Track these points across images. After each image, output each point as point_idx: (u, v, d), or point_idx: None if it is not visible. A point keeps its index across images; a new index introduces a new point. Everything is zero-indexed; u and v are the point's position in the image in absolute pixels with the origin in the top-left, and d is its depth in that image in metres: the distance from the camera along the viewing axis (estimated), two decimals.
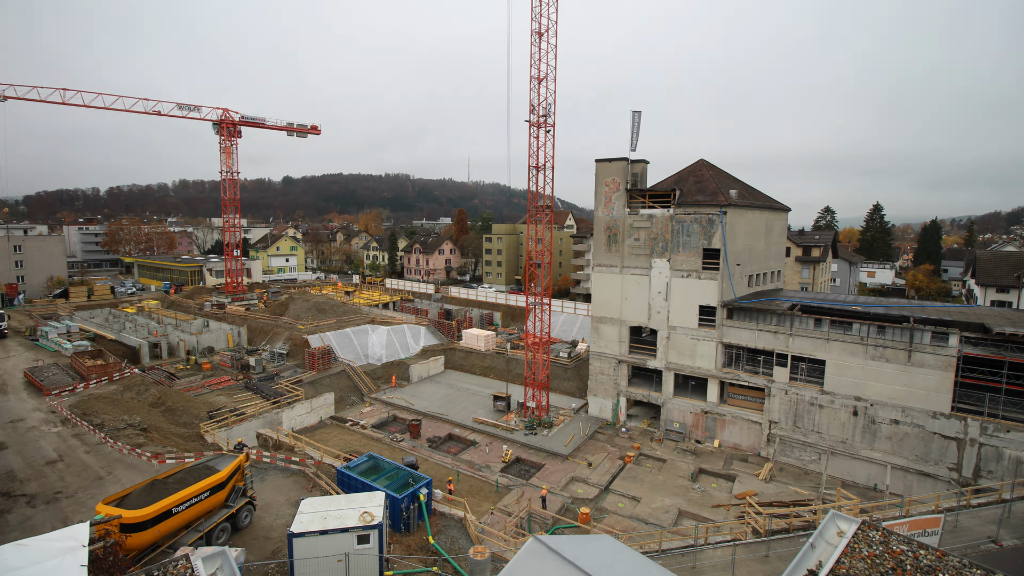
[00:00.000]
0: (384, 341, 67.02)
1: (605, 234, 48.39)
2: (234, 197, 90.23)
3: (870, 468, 36.80)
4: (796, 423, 39.85)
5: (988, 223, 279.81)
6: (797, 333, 39.70)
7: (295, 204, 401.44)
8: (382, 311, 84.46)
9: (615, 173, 47.22)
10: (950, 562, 12.15)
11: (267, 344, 66.43)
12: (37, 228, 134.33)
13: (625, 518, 32.61)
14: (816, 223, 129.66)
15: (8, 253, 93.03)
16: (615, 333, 48.46)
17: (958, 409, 33.93)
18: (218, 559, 14.18)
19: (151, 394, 45.34)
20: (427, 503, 26.54)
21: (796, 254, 78.87)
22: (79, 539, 14.26)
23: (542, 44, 44.16)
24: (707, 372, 43.87)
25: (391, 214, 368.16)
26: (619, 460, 40.79)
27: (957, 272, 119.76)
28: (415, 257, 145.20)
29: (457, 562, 22.64)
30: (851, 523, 14.07)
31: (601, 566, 13.05)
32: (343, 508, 20.98)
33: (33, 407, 40.82)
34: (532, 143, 45.48)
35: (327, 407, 49.13)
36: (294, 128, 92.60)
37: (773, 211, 50.32)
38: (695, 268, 43.66)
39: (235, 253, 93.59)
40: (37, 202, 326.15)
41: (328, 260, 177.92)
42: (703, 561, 21.47)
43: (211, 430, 40.28)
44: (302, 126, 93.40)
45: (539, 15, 43.80)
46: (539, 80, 44.58)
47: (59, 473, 30.41)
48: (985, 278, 67.99)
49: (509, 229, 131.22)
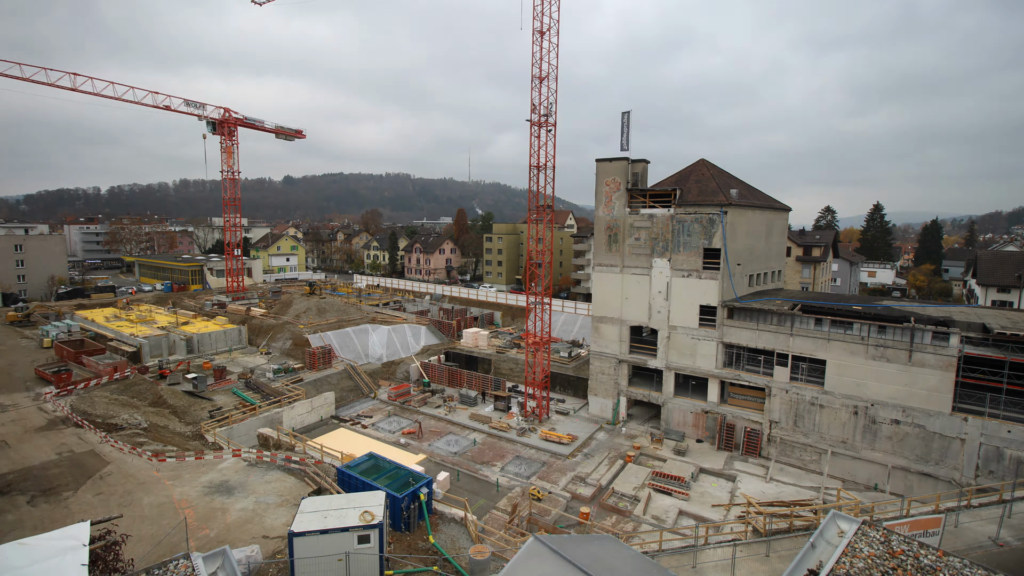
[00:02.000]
0: (384, 340, 67.06)
1: (606, 234, 48.37)
2: (235, 197, 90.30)
3: (871, 468, 36.77)
4: (797, 423, 39.82)
5: (989, 223, 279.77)
6: (798, 333, 39.66)
7: (295, 204, 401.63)
8: (382, 310, 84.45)
9: (616, 173, 47.20)
10: (951, 562, 12.14)
11: (267, 344, 66.43)
12: (38, 228, 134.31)
13: (627, 518, 32.61)
14: (817, 223, 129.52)
15: (9, 253, 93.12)
16: (615, 333, 48.44)
17: (959, 409, 33.89)
18: (218, 559, 14.17)
19: (152, 393, 45.39)
20: (427, 502, 26.53)
21: (797, 254, 78.80)
22: (80, 538, 14.24)
23: (543, 43, 44.14)
24: (707, 372, 43.84)
25: (392, 213, 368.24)
26: (619, 460, 40.79)
27: (958, 272, 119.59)
28: (415, 256, 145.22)
29: (457, 561, 22.63)
30: (852, 523, 14.06)
31: (601, 566, 13.03)
32: (343, 507, 20.95)
33: (34, 405, 40.86)
34: (533, 143, 45.48)
35: (327, 406, 49.14)
36: (283, 131, 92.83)
37: (774, 211, 50.29)
38: (696, 268, 43.63)
39: (236, 252, 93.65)
40: (38, 201, 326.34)
41: (328, 260, 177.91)
42: (703, 561, 21.45)
43: (212, 429, 40.31)
44: (288, 129, 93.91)
45: (540, 14, 43.77)
46: (540, 79, 44.56)
47: (60, 472, 30.42)
48: (986, 278, 67.92)
49: (509, 229, 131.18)
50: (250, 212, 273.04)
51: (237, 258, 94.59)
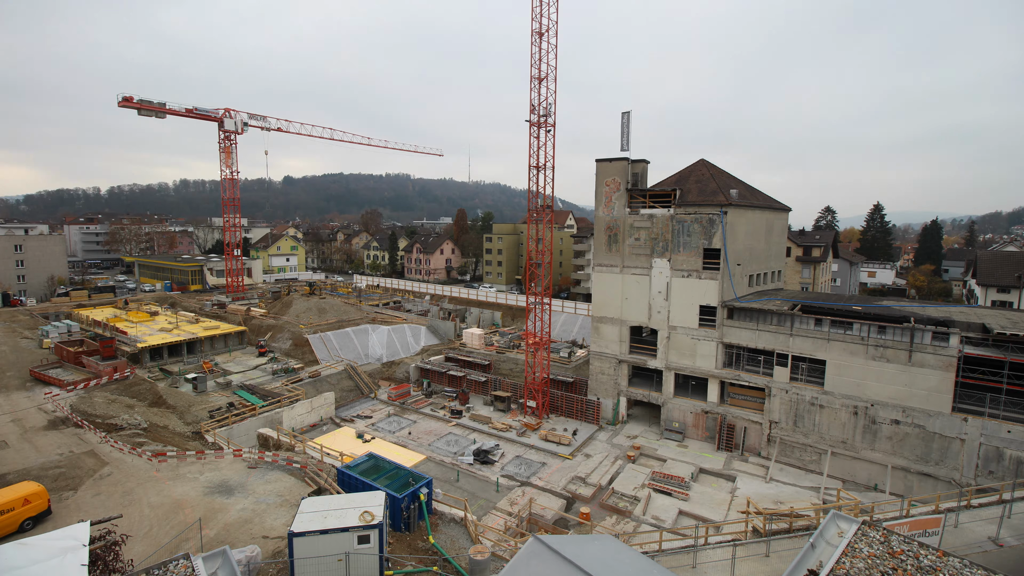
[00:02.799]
0: (384, 340, 67.06)
1: (605, 234, 48.37)
2: (234, 197, 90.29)
3: (871, 468, 36.77)
4: (796, 423, 39.82)
5: (989, 223, 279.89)
6: (797, 333, 39.67)
7: (295, 204, 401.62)
8: (382, 311, 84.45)
9: (616, 173, 47.20)
10: (951, 562, 12.15)
11: (267, 344, 66.37)
12: (38, 228, 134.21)
13: (628, 518, 32.61)
14: (816, 223, 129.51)
15: (9, 253, 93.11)
16: (615, 333, 48.44)
17: (959, 409, 33.90)
18: (218, 559, 14.19)
19: (152, 393, 45.38)
20: (427, 503, 26.52)
21: (796, 254, 78.82)
22: (80, 538, 14.24)
23: (542, 44, 44.16)
24: (707, 372, 43.85)
25: (391, 214, 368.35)
26: (619, 460, 40.78)
27: (958, 272, 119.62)
28: (415, 257, 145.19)
29: (457, 562, 22.63)
30: (851, 523, 14.08)
31: (601, 566, 13.03)
32: (343, 507, 20.94)
33: (33, 405, 40.85)
34: (532, 143, 45.49)
35: (327, 406, 49.14)
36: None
37: (773, 211, 50.30)
38: (695, 268, 43.64)
39: (235, 253, 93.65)
40: (38, 201, 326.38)
41: (328, 260, 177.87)
42: (703, 561, 21.44)
43: (212, 429, 40.31)
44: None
45: (539, 15, 43.79)
46: (539, 80, 44.58)
47: (60, 472, 30.40)
48: (986, 278, 67.95)
49: (509, 229, 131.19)
50: (250, 212, 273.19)
51: (237, 258, 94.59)
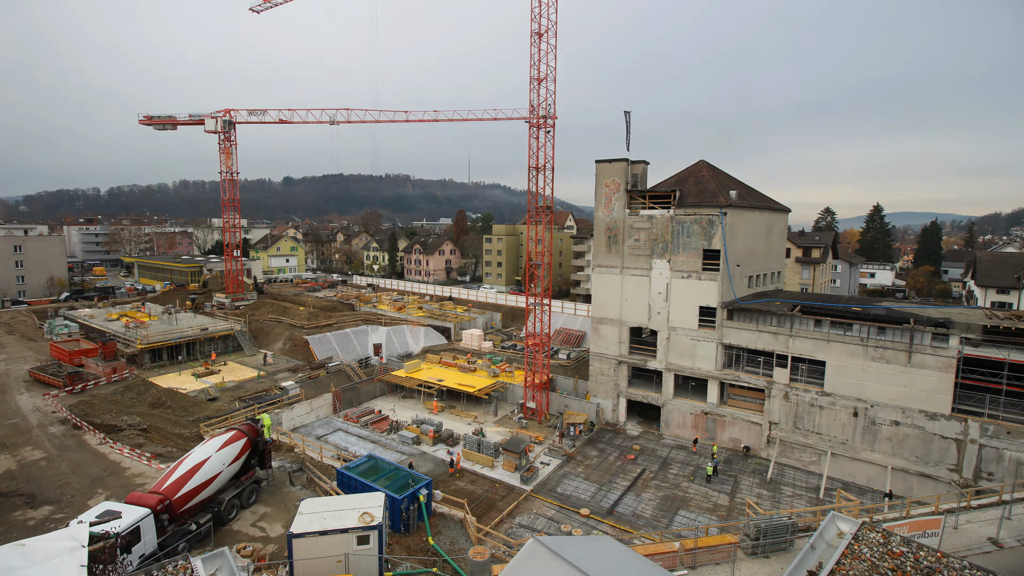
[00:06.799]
0: (384, 341, 67.00)
1: (605, 235, 48.38)
2: (234, 197, 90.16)
3: (870, 469, 36.76)
4: (796, 424, 39.82)
5: (988, 224, 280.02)
6: (797, 334, 39.67)
7: (295, 204, 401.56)
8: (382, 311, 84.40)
9: (615, 174, 47.21)
10: (950, 563, 12.14)
11: (266, 344, 66.35)
12: (37, 228, 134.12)
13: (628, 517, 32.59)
14: (816, 224, 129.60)
15: (9, 253, 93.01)
16: (615, 334, 48.43)
17: (958, 410, 33.89)
18: (217, 560, 14.18)
19: (151, 394, 45.34)
20: (427, 504, 26.52)
21: (796, 255, 78.84)
22: (79, 539, 14.25)
23: (542, 45, 44.19)
24: (707, 373, 43.84)
25: (391, 214, 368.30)
26: (619, 460, 40.77)
27: (957, 273, 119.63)
28: (415, 257, 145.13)
29: (457, 563, 22.61)
30: (851, 524, 14.07)
31: (601, 566, 13.03)
32: (343, 509, 20.94)
33: (33, 406, 40.81)
34: (532, 144, 45.51)
35: (326, 407, 49.10)
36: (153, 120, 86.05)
37: (773, 212, 50.32)
38: (695, 269, 43.64)
39: (235, 253, 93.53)
40: (37, 202, 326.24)
41: (328, 260, 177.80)
42: (703, 561, 21.42)
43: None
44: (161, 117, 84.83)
45: (539, 16, 43.81)
46: (539, 81, 44.61)
47: (59, 473, 30.38)
48: (985, 279, 67.97)
49: (509, 230, 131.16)
50: (250, 213, 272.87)
51: (236, 259, 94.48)
